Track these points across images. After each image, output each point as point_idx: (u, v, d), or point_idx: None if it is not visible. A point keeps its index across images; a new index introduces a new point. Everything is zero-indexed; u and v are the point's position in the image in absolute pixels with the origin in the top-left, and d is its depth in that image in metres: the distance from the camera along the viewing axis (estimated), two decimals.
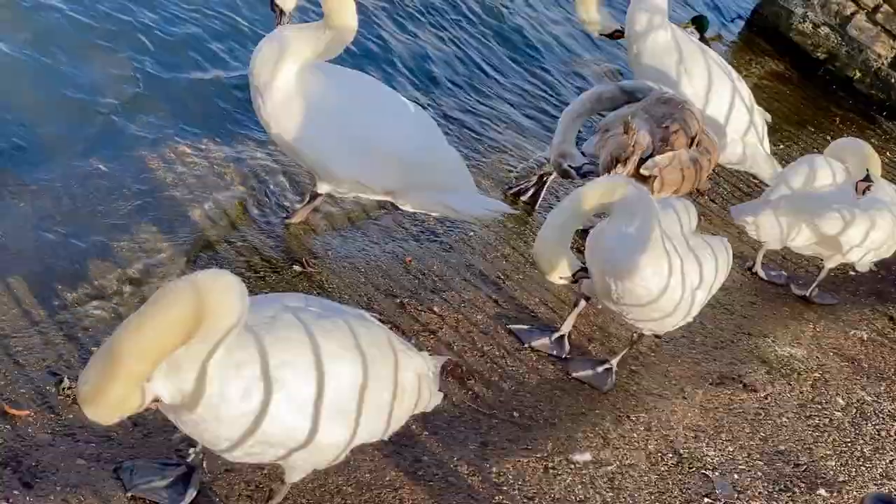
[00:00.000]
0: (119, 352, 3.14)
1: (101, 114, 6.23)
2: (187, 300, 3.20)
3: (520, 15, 10.31)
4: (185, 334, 3.22)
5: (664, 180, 6.12)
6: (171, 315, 3.17)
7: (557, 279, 5.13)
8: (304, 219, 5.97)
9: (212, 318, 3.26)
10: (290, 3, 5.48)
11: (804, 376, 6.24)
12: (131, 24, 7.07)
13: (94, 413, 3.24)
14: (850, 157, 6.89)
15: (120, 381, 3.16)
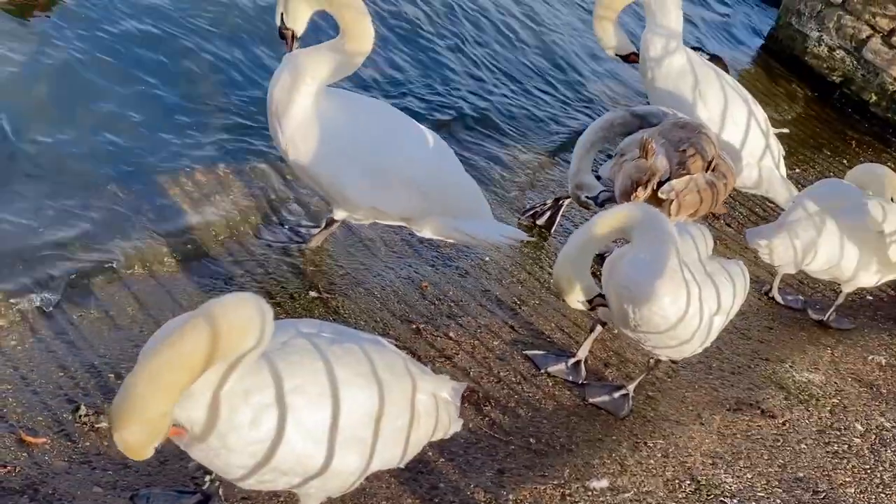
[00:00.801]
0: (144, 389, 3.11)
1: (116, 139, 6.27)
2: (205, 328, 3.18)
3: (534, 39, 10.33)
4: (209, 361, 3.21)
5: (681, 204, 6.11)
6: (193, 345, 3.15)
7: (575, 304, 5.13)
8: (320, 244, 5.98)
9: (232, 343, 3.25)
10: (299, 27, 5.48)
11: (822, 402, 6.19)
12: (148, 47, 7.12)
13: (130, 453, 3.21)
14: (872, 183, 6.87)
15: (149, 418, 3.13)
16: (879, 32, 11.35)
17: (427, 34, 9.39)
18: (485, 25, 10.08)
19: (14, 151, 5.80)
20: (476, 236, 5.84)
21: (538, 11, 11.06)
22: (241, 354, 3.31)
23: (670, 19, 7.29)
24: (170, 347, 3.14)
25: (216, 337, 3.18)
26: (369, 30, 5.25)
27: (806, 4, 11.91)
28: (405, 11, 9.61)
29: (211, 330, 3.17)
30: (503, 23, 10.30)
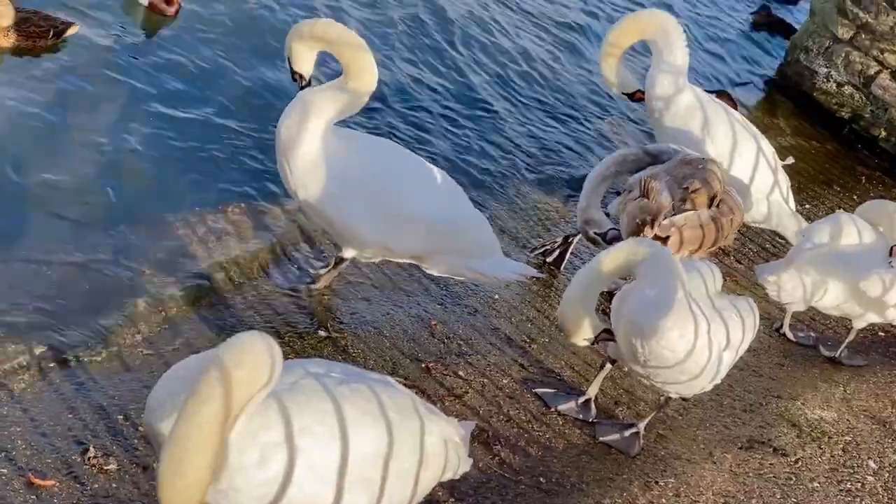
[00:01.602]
0: (175, 475, 3.19)
1: (124, 181, 6.32)
2: (218, 391, 3.20)
3: (542, 77, 10.38)
4: (226, 420, 3.23)
5: (683, 238, 6.10)
6: (210, 422, 3.20)
7: (581, 341, 5.14)
8: (329, 284, 5.98)
9: (244, 389, 3.26)
10: (306, 67, 5.54)
11: (835, 440, 6.15)
12: (155, 91, 7.18)
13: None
14: (882, 220, 6.84)
15: (192, 481, 3.21)
16: (888, 68, 11.37)
17: (434, 72, 9.44)
18: (492, 63, 10.13)
19: (22, 194, 5.85)
20: (486, 274, 5.84)
21: (545, 50, 11.12)
22: (256, 387, 3.32)
23: (676, 56, 7.33)
24: (188, 428, 3.18)
25: (230, 400, 3.22)
26: (371, 66, 5.30)
27: (814, 41, 11.94)
28: (411, 48, 9.67)
29: (224, 396, 3.21)
30: (511, 61, 10.35)
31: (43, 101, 6.61)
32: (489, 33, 10.81)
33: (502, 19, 11.36)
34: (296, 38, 5.44)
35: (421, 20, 10.34)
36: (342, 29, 5.38)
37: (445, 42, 10.13)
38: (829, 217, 7.01)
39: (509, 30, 11.26)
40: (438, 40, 10.10)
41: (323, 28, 5.41)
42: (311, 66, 5.55)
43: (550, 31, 11.73)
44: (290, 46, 5.49)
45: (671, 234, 6.00)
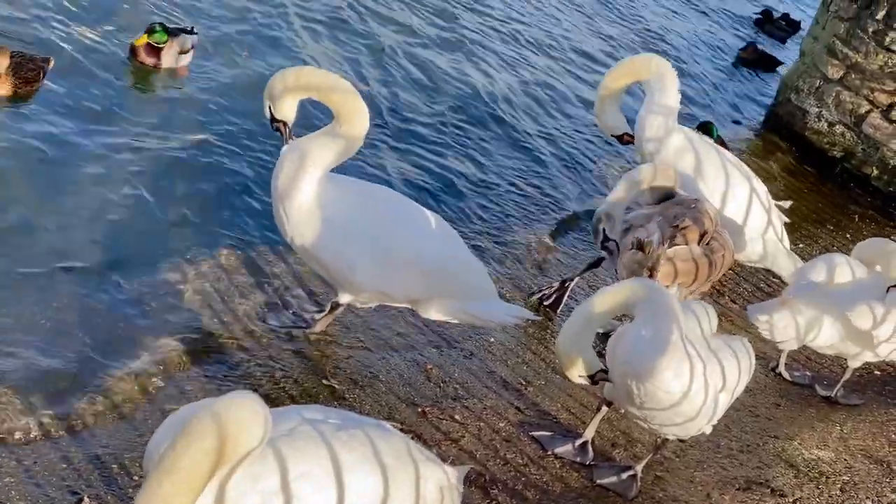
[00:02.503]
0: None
1: (118, 230, 6.34)
2: (210, 433, 3.21)
3: (538, 120, 10.46)
4: (214, 468, 3.23)
5: (678, 269, 6.13)
6: (197, 455, 3.19)
7: (577, 378, 5.15)
8: (325, 329, 5.98)
9: (235, 444, 3.27)
10: (289, 116, 5.52)
11: (832, 479, 6.14)
12: (146, 135, 7.24)
13: None
14: (881, 258, 6.85)
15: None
16: (878, 107, 11.46)
17: (427, 115, 9.50)
18: (484, 104, 10.20)
19: (14, 244, 5.85)
20: (482, 317, 5.84)
21: (539, 89, 11.21)
22: (246, 450, 3.33)
23: (668, 98, 7.39)
24: (182, 448, 3.19)
25: (224, 435, 3.23)
26: (362, 109, 5.31)
27: (805, 81, 12.04)
28: (402, 92, 9.74)
29: (219, 428, 3.22)
30: (505, 103, 10.43)
31: (31, 149, 6.65)
32: (482, 72, 10.91)
33: (492, 58, 11.46)
34: (280, 87, 5.40)
35: (405, 56, 10.45)
36: (329, 75, 5.39)
37: (434, 80, 10.23)
38: (822, 257, 7.03)
39: (503, 68, 11.36)
40: (426, 79, 10.19)
41: (309, 75, 5.42)
42: (294, 114, 5.53)
43: (545, 69, 11.84)
44: (272, 95, 5.44)
45: (664, 264, 6.04)
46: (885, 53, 11.27)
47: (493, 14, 12.68)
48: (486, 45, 11.76)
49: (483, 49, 11.57)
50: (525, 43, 12.39)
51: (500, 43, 12.10)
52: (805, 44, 12.65)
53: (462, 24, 11.93)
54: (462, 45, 11.40)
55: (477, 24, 12.21)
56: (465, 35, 11.63)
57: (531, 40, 12.54)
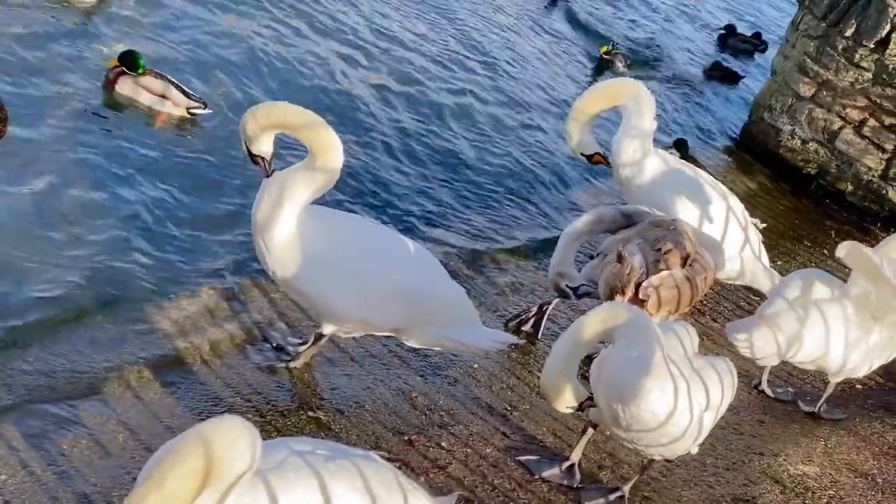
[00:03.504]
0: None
1: (98, 265, 6.37)
2: (196, 453, 3.21)
3: (514, 143, 10.54)
4: (199, 487, 3.22)
5: (660, 298, 6.18)
6: (182, 472, 3.17)
7: (564, 409, 5.15)
8: (308, 361, 5.99)
9: (221, 465, 3.26)
10: (266, 150, 5.49)
11: (818, 494, 6.17)
12: (125, 172, 7.27)
13: None
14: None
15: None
16: (851, 123, 11.59)
17: (405, 142, 9.57)
18: (465, 130, 10.27)
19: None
20: (466, 343, 5.86)
21: (517, 115, 11.30)
22: (236, 474, 3.32)
23: (644, 122, 7.45)
24: (166, 465, 3.17)
25: (210, 453, 3.21)
26: (335, 143, 5.32)
27: (777, 99, 12.16)
28: (381, 119, 9.81)
29: (205, 446, 3.21)
30: (481, 126, 10.52)
31: (6, 190, 6.65)
32: (459, 93, 10.99)
33: (473, 85, 11.55)
34: (252, 125, 5.39)
35: (387, 80, 10.54)
36: (298, 111, 5.38)
37: (413, 107, 10.30)
38: (798, 272, 7.01)
39: (480, 94, 11.45)
40: (403, 105, 10.27)
41: (281, 112, 5.39)
42: (272, 147, 5.51)
43: (522, 96, 11.94)
44: (245, 133, 5.43)
45: (650, 294, 6.09)
46: (856, 70, 11.40)
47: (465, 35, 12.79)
48: (457, 66, 11.86)
49: (454, 69, 11.68)
50: (499, 68, 12.51)
51: (478, 65, 12.21)
52: (776, 62, 12.78)
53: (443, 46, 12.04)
54: (433, 67, 11.52)
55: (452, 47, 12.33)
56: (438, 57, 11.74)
57: (506, 61, 12.66)
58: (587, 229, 6.59)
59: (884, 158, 11.46)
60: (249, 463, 3.33)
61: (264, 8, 11.29)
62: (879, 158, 11.48)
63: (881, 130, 11.44)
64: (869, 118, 11.48)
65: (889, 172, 11.44)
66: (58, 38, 8.95)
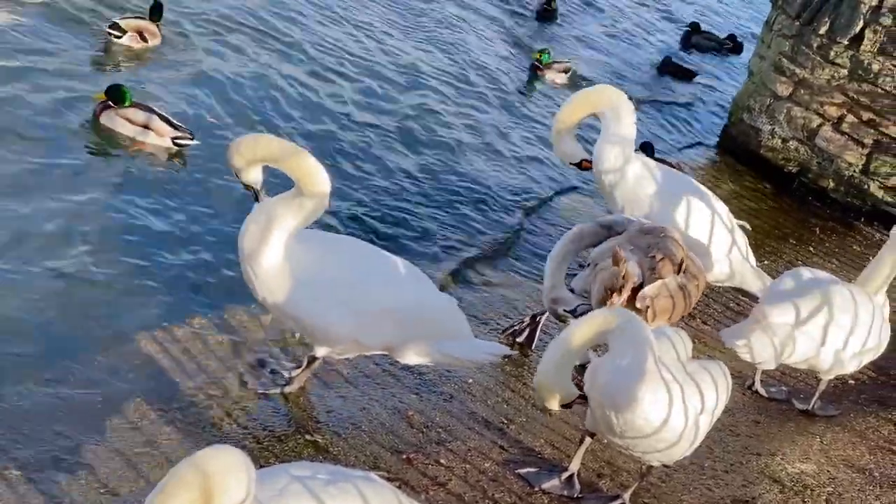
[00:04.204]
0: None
1: (90, 300, 6.38)
2: (192, 484, 3.20)
3: (499, 159, 10.59)
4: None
5: (655, 309, 6.21)
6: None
7: (556, 406, 5.18)
8: (303, 384, 5.99)
9: (219, 495, 3.26)
10: (254, 179, 5.54)
11: (817, 492, 6.19)
12: (119, 213, 7.28)
13: None
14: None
15: None
16: (829, 120, 11.66)
17: (384, 162, 9.61)
18: (448, 147, 10.32)
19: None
20: (460, 357, 5.87)
21: (507, 131, 11.38)
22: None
23: (624, 128, 7.48)
24: (163, 495, 3.16)
25: (207, 485, 3.20)
26: (318, 172, 5.34)
27: (755, 100, 12.23)
28: (361, 142, 9.85)
29: (201, 477, 3.20)
30: (468, 143, 10.57)
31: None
32: (436, 114, 11.03)
33: (447, 103, 11.59)
34: (237, 159, 5.44)
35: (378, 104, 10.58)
36: (277, 144, 5.42)
37: (390, 128, 10.36)
38: (789, 272, 7.05)
39: (456, 112, 11.50)
40: (381, 127, 10.33)
41: (262, 146, 5.42)
42: (260, 176, 5.55)
43: (510, 111, 12.02)
44: (232, 165, 5.49)
45: (647, 304, 6.11)
46: (831, 67, 11.48)
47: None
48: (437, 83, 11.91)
49: (436, 88, 11.74)
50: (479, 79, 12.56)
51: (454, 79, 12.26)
52: (752, 63, 12.86)
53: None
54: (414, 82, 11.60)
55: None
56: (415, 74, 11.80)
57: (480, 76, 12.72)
58: (570, 248, 6.60)
59: (863, 154, 11.53)
60: (246, 492, 3.33)
61: (245, 39, 11.40)
62: (859, 154, 11.55)
63: (860, 126, 11.51)
64: (847, 114, 11.55)
65: (870, 167, 11.50)
66: (48, 76, 9.02)
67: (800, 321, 6.51)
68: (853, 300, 6.60)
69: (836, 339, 6.54)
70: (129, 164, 8.14)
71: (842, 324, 6.54)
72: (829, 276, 6.91)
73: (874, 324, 6.64)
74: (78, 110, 8.73)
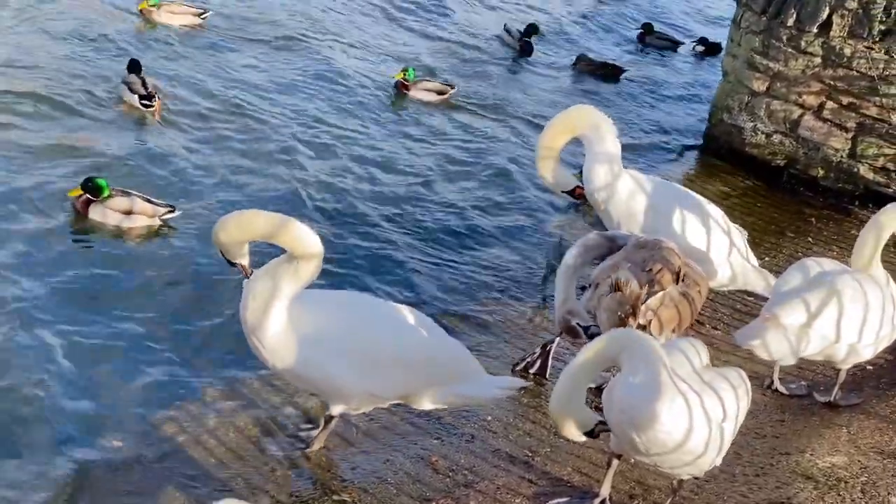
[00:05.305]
0: None
1: (102, 381, 6.37)
2: None
3: (499, 190, 10.63)
4: None
5: (661, 320, 6.19)
6: None
7: (578, 437, 5.15)
8: (324, 444, 5.95)
9: None
10: (242, 258, 5.58)
11: (851, 483, 6.13)
12: (124, 283, 7.32)
13: None
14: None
15: None
16: (809, 109, 11.68)
17: (375, 211, 9.62)
18: (449, 178, 10.36)
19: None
20: (474, 396, 5.86)
21: (500, 161, 11.42)
22: None
23: (607, 145, 7.48)
24: None
25: None
26: (307, 237, 5.35)
27: (733, 99, 12.26)
28: (353, 194, 9.87)
29: None
30: (472, 174, 10.63)
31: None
32: (428, 155, 11.05)
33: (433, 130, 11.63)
34: (223, 238, 5.46)
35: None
36: (264, 217, 5.42)
37: (375, 177, 10.39)
38: (795, 265, 6.98)
39: (448, 145, 11.53)
40: (367, 178, 10.36)
41: (250, 222, 5.42)
42: (247, 253, 5.59)
43: (494, 136, 12.07)
44: (219, 244, 5.51)
45: (650, 318, 6.09)
46: (804, 56, 11.51)
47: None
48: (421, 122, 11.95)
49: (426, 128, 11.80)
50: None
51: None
52: (725, 63, 12.89)
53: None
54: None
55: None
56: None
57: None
58: (579, 261, 6.59)
59: (848, 138, 11.53)
60: None
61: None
62: (844, 138, 11.55)
63: (840, 111, 11.52)
64: (826, 101, 11.57)
65: (856, 150, 11.51)
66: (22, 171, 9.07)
67: (811, 316, 6.47)
68: (861, 288, 6.57)
69: (849, 329, 6.50)
70: (122, 250, 8.21)
71: (853, 314, 6.50)
72: (835, 265, 6.88)
73: (886, 309, 6.61)
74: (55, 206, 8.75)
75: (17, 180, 8.85)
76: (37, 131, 9.94)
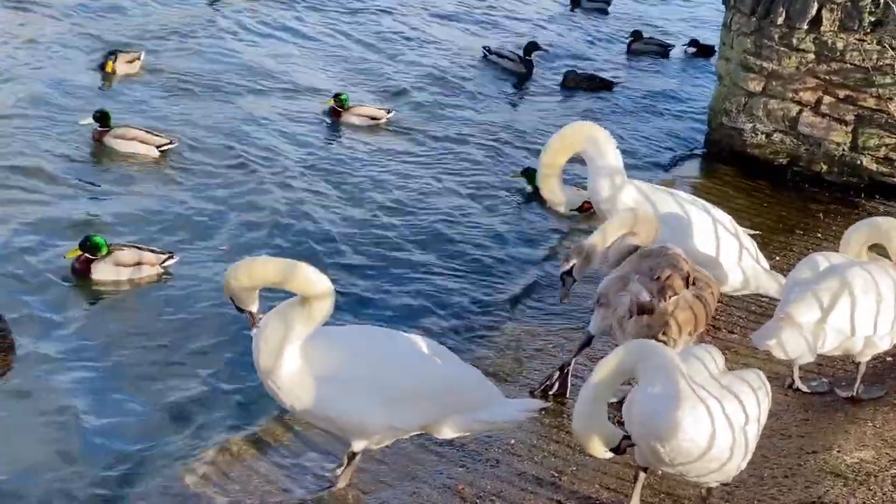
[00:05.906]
0: None
1: (117, 434, 6.44)
2: None
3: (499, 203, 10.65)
4: None
5: (678, 323, 6.19)
6: None
7: (603, 454, 5.13)
8: (349, 481, 5.93)
9: None
10: (252, 306, 5.62)
11: (881, 477, 6.07)
12: (136, 336, 7.35)
13: None
14: (878, 240, 6.91)
15: None
16: (807, 105, 11.70)
17: (380, 245, 9.65)
18: (450, 198, 10.37)
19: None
20: (495, 420, 5.86)
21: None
22: None
23: (608, 158, 7.49)
24: None
25: None
26: (317, 280, 5.36)
27: (730, 102, 12.28)
28: (354, 226, 9.90)
29: None
30: (473, 192, 10.65)
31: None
32: (432, 177, 11.06)
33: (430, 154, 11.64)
34: (234, 285, 5.50)
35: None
36: (274, 263, 5.45)
37: (372, 208, 10.43)
38: (804, 261, 6.96)
39: (448, 167, 11.56)
40: (360, 209, 10.40)
41: (261, 269, 5.44)
42: (257, 301, 5.63)
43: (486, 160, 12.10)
44: (230, 292, 5.55)
45: (668, 320, 6.10)
46: (798, 54, 11.54)
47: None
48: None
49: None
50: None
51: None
52: (719, 67, 12.92)
53: None
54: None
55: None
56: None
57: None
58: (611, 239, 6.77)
59: (848, 131, 11.54)
60: None
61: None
62: (844, 131, 11.56)
63: (838, 105, 11.53)
64: (823, 96, 11.59)
65: (858, 143, 11.51)
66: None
67: (825, 311, 6.44)
68: (872, 278, 6.54)
69: (864, 321, 6.47)
70: (133, 303, 8.22)
71: (866, 305, 6.47)
72: (844, 258, 6.86)
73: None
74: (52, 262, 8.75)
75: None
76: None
